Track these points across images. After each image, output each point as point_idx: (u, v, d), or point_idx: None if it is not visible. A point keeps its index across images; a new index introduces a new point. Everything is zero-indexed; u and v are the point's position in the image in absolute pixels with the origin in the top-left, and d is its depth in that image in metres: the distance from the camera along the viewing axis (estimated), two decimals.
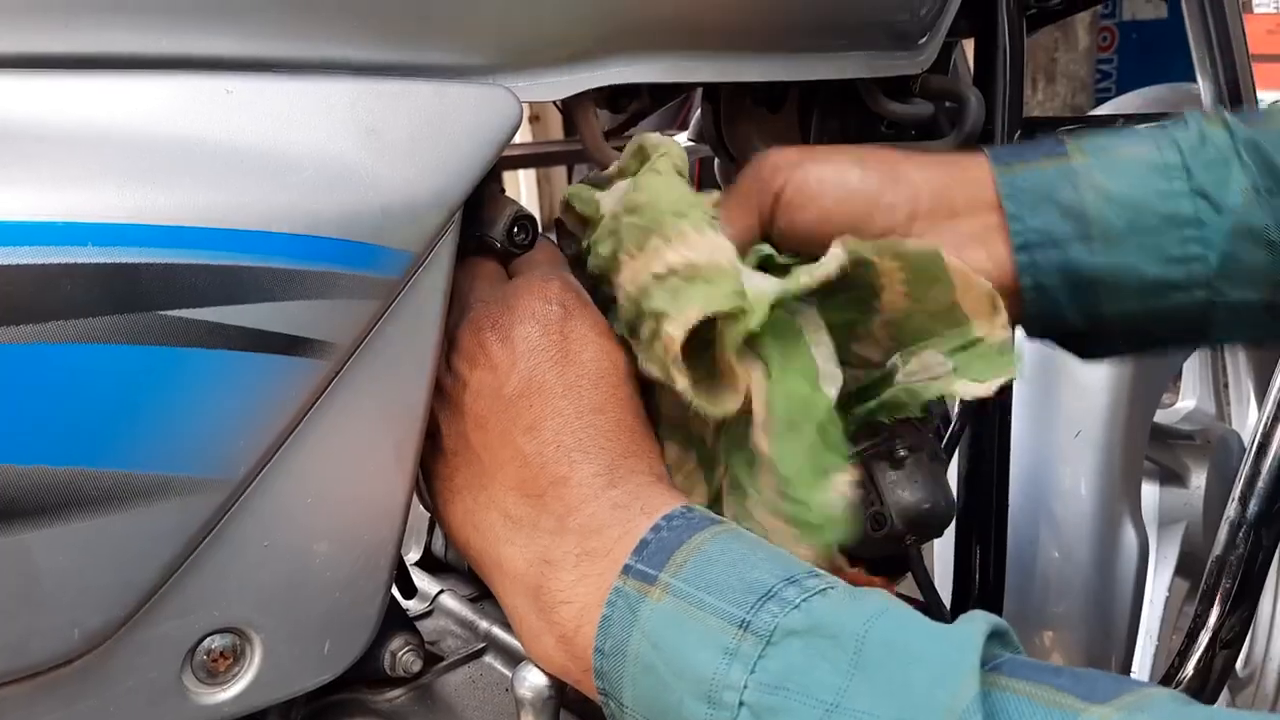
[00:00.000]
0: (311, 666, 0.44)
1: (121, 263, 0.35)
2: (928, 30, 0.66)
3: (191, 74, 0.38)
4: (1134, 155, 0.51)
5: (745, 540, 0.42)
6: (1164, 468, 1.25)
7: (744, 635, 0.38)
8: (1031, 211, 0.51)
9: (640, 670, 0.40)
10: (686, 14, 0.51)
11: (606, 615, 0.41)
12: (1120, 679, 0.36)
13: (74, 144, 0.35)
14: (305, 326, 0.39)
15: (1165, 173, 0.51)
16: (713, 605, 0.39)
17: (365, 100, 0.41)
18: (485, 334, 0.47)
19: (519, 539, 0.45)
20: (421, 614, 0.60)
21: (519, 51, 0.46)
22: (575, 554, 0.44)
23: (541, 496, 0.45)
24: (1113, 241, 0.51)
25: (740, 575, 0.40)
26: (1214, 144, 0.51)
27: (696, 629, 0.39)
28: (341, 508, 0.43)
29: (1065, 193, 0.51)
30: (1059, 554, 0.92)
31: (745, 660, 0.37)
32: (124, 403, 0.36)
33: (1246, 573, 0.64)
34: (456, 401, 0.47)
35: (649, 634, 0.40)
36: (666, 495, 0.45)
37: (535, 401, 0.46)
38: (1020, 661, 0.36)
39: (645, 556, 0.42)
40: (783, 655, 0.37)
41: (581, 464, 0.45)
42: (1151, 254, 0.51)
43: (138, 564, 0.38)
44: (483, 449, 0.47)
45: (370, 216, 0.40)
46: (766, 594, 0.39)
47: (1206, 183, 0.50)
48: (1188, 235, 0.50)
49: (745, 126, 0.67)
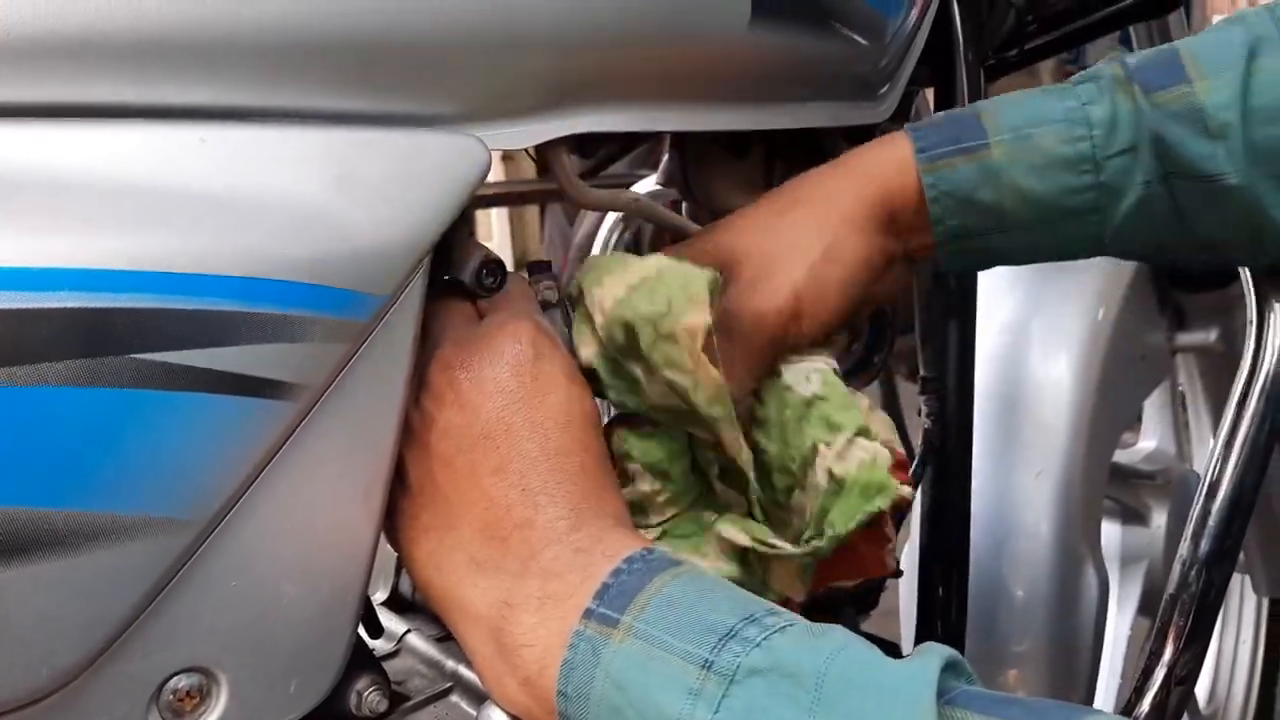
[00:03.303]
0: (277, 706, 0.44)
1: (93, 307, 0.35)
2: (888, 80, 0.68)
3: (165, 122, 0.39)
4: (1048, 149, 0.56)
5: (705, 582, 0.43)
6: (1126, 507, 1.26)
7: (707, 675, 0.39)
8: (952, 214, 0.57)
9: (605, 712, 0.40)
10: (653, 66, 0.53)
11: (568, 659, 0.41)
12: (1071, 707, 0.37)
13: (47, 191, 0.36)
14: (275, 369, 0.39)
15: (1075, 168, 0.56)
16: (675, 646, 0.40)
17: (336, 148, 0.42)
18: (455, 373, 0.47)
19: (482, 581, 0.46)
20: (388, 654, 0.60)
21: (488, 101, 0.47)
22: (537, 597, 0.44)
23: (506, 540, 0.45)
24: (1024, 229, 0.58)
25: (701, 616, 0.41)
26: (1122, 129, 0.56)
27: (660, 670, 0.39)
28: (309, 548, 0.44)
29: (985, 194, 0.56)
30: (1022, 593, 0.93)
31: (710, 700, 0.38)
32: (94, 445, 0.36)
33: (1199, 610, 0.66)
34: (424, 440, 0.47)
35: (613, 675, 0.40)
36: (628, 538, 0.46)
37: (502, 443, 0.46)
38: (974, 693, 0.37)
39: (607, 600, 0.42)
40: (746, 694, 0.38)
41: (546, 507, 0.46)
42: (1056, 237, 0.58)
43: (106, 603, 0.38)
44: (450, 488, 0.47)
45: (340, 261, 0.41)
46: (728, 634, 0.40)
47: (1112, 176, 0.56)
48: (1089, 221, 0.57)
49: (711, 172, 0.69)
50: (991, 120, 0.57)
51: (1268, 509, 1.34)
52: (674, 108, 0.55)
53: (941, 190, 0.57)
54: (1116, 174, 0.56)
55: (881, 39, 0.64)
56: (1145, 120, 0.55)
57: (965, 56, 0.73)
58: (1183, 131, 0.54)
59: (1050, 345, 0.99)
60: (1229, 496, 0.67)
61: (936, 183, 0.57)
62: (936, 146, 0.57)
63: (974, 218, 0.57)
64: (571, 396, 0.48)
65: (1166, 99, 0.55)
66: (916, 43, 0.69)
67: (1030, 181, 0.56)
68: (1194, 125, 0.54)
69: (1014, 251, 0.59)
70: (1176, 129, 0.54)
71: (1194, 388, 1.44)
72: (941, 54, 0.73)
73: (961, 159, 0.56)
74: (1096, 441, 0.98)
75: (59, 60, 0.36)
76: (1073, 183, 0.56)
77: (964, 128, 0.57)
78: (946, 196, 0.57)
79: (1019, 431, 0.96)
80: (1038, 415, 0.97)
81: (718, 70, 0.56)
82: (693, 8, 0.52)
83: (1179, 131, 0.54)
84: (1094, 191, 0.56)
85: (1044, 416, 0.97)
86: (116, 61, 0.37)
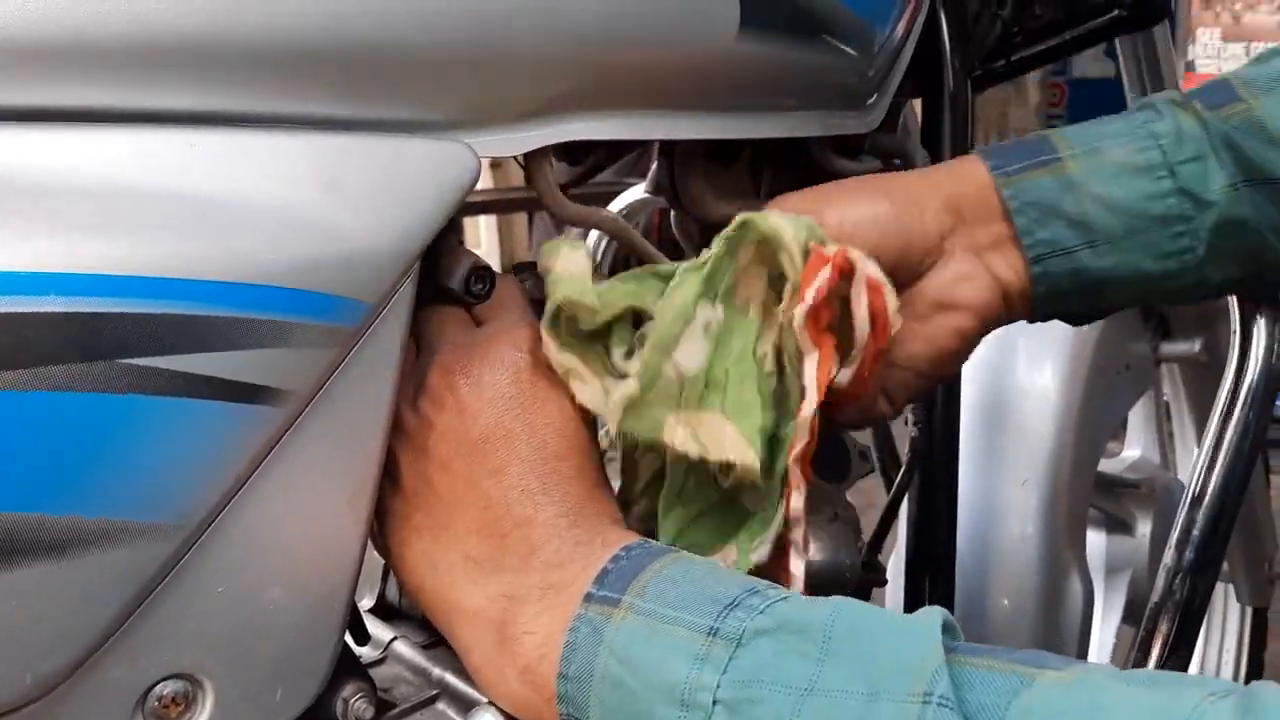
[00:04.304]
0: (263, 713, 0.44)
1: (83, 312, 0.35)
2: (876, 90, 0.68)
3: (155, 127, 0.39)
4: (1120, 159, 0.55)
5: (704, 564, 0.44)
6: (1111, 516, 1.27)
7: (713, 641, 0.39)
8: (1041, 225, 0.55)
9: (608, 687, 0.40)
10: (642, 74, 0.53)
11: (570, 641, 0.42)
12: (1066, 658, 0.38)
13: (37, 195, 0.36)
14: (263, 375, 0.39)
15: (1150, 174, 0.55)
16: (679, 618, 0.40)
17: (326, 154, 0.42)
18: (455, 377, 0.48)
19: (480, 577, 0.46)
20: (375, 661, 0.60)
21: (477, 108, 0.47)
22: (539, 588, 0.45)
23: (505, 537, 0.46)
24: (1115, 244, 0.55)
25: (703, 591, 0.41)
26: (1190, 139, 0.55)
27: (664, 641, 0.40)
28: (296, 554, 0.44)
29: (1069, 204, 0.55)
30: (1007, 601, 0.93)
31: (716, 663, 0.38)
32: (81, 449, 0.36)
33: (1184, 618, 0.66)
34: (421, 443, 0.48)
35: (616, 651, 0.41)
36: (625, 534, 0.47)
37: (501, 447, 0.47)
38: (971, 646, 0.38)
39: (607, 584, 0.43)
40: (753, 654, 0.38)
41: (546, 506, 0.46)
42: (1149, 251, 0.55)
43: (91, 609, 0.38)
44: (446, 491, 0.47)
45: (329, 267, 0.41)
46: (731, 603, 0.40)
47: (1189, 181, 0.55)
48: (1178, 231, 0.55)
49: (699, 180, 0.69)
50: (1059, 139, 0.57)
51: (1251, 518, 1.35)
52: (662, 116, 0.55)
53: (1024, 201, 0.55)
54: (1193, 179, 0.55)
55: (869, 49, 0.65)
56: (1212, 130, 0.55)
57: (952, 67, 0.73)
58: (1251, 140, 0.54)
59: (1036, 355, 1.00)
60: (1213, 505, 0.67)
61: (1016, 194, 0.55)
62: (1011, 162, 0.56)
63: (1062, 229, 0.55)
64: (568, 403, 0.49)
65: (1228, 113, 0.55)
66: (904, 53, 0.69)
67: (1109, 189, 0.55)
68: (1259, 135, 0.54)
69: (1109, 275, 0.56)
70: (1244, 138, 0.55)
71: (1178, 397, 1.44)
72: (929, 65, 0.73)
73: (1039, 171, 0.55)
74: (1082, 450, 0.98)
75: (48, 65, 0.36)
76: (1150, 188, 0.55)
77: (1032, 147, 0.57)
78: (1030, 207, 0.55)
79: (1005, 440, 0.96)
80: (1023, 424, 0.97)
81: (706, 79, 0.56)
82: (681, 17, 0.52)
83: (1247, 140, 0.54)
84: (1174, 198, 0.55)
85: (1029, 426, 0.97)
86: (106, 66, 0.37)
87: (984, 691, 0.35)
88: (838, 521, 0.60)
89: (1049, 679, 0.35)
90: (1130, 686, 0.34)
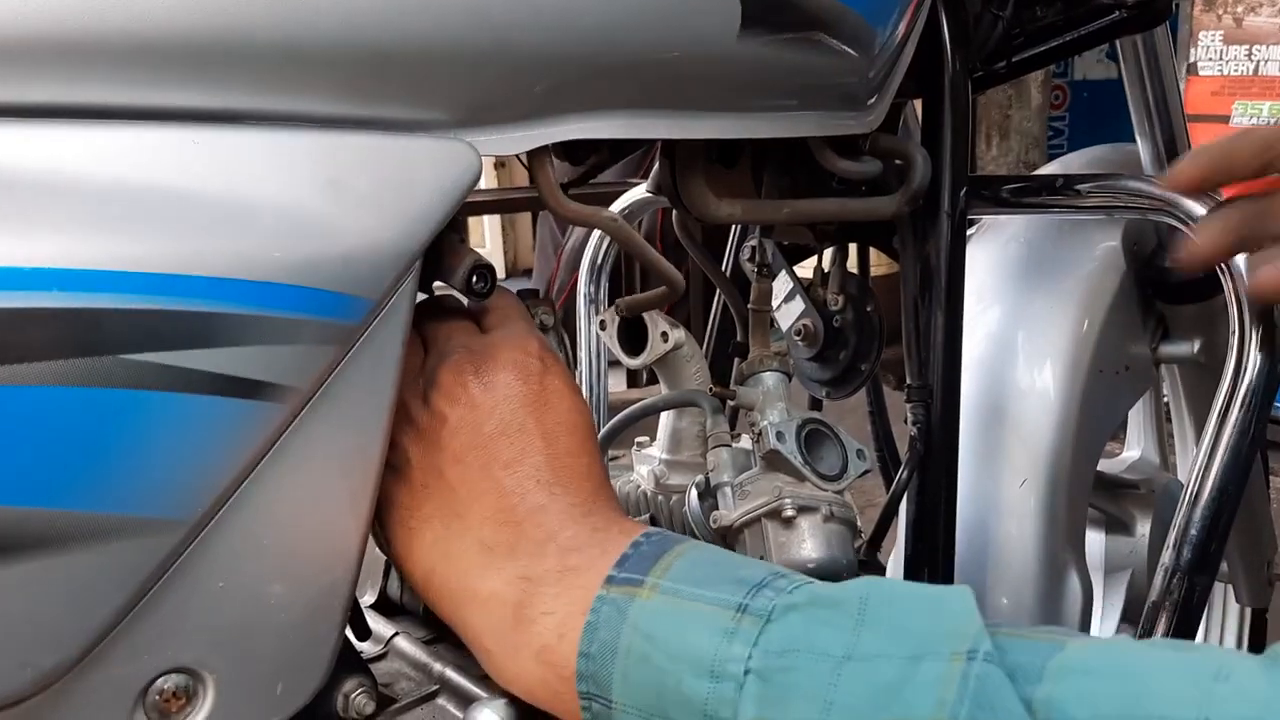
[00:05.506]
0: (264, 708, 0.44)
1: (84, 308, 0.35)
2: (876, 92, 0.68)
3: (157, 124, 0.39)
4: None
5: (725, 551, 0.45)
6: (1110, 516, 1.27)
7: (742, 617, 0.39)
8: None
9: (633, 663, 0.41)
10: (644, 74, 0.53)
11: (591, 621, 0.42)
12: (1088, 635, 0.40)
13: (38, 191, 0.36)
14: (265, 371, 0.40)
15: None
16: (706, 596, 0.41)
17: (328, 153, 0.42)
18: (468, 376, 0.49)
19: (495, 562, 0.47)
20: (375, 656, 0.60)
21: (479, 107, 0.47)
22: (557, 571, 0.45)
23: (521, 524, 0.47)
24: None
25: (728, 573, 0.42)
26: None
27: (692, 617, 0.40)
28: (297, 549, 0.44)
29: None
30: (1006, 601, 0.93)
31: (747, 636, 0.39)
32: (83, 444, 0.36)
33: (1182, 618, 0.66)
34: (433, 437, 0.48)
35: (641, 628, 0.41)
36: (640, 524, 0.48)
37: (515, 440, 0.48)
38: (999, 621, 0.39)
39: (629, 566, 0.44)
40: (784, 628, 0.39)
41: (560, 496, 0.47)
42: None
43: (92, 604, 0.38)
44: (459, 482, 0.48)
45: (331, 265, 0.41)
46: (759, 584, 0.41)
47: None
48: None
49: (700, 180, 0.69)
50: None
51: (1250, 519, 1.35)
52: (663, 116, 0.55)
53: None
54: None
55: (870, 50, 0.65)
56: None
57: (953, 68, 0.73)
58: None
59: (1035, 356, 1.00)
60: (1211, 505, 0.67)
61: None
62: None
63: None
64: (576, 407, 0.50)
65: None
66: (905, 54, 0.69)
67: None
68: None
69: None
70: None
71: (1177, 398, 1.44)
72: (929, 65, 0.74)
73: None
74: (1081, 451, 0.98)
75: (52, 61, 0.37)
76: None
77: None
78: None
79: (1004, 441, 0.96)
80: (1023, 425, 0.97)
81: (707, 79, 0.56)
82: (682, 17, 0.52)
83: None
84: None
85: (1029, 426, 0.97)
86: (109, 63, 0.38)
87: (1020, 653, 0.36)
88: (834, 521, 0.60)
89: (1078, 643, 0.36)
90: (1156, 650, 0.36)
